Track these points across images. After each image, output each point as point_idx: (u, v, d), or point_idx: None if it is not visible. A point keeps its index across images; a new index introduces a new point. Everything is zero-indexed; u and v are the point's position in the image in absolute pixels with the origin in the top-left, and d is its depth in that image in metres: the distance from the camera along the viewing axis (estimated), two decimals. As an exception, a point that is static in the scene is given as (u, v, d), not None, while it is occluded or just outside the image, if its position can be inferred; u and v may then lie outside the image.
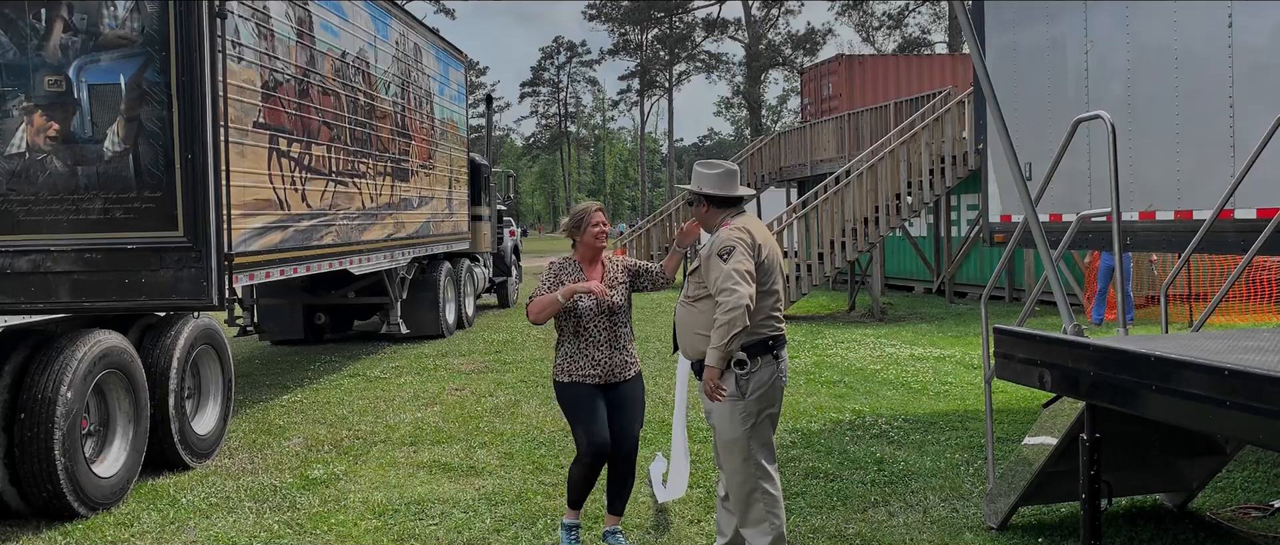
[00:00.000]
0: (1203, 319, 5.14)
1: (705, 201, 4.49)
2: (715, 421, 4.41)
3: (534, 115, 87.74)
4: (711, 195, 4.48)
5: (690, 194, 4.55)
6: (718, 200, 4.49)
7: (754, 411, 4.33)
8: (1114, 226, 4.49)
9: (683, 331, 4.48)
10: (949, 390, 9.28)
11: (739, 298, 4.13)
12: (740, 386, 4.31)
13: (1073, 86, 6.89)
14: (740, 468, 4.37)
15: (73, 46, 6.10)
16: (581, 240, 4.98)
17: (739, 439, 4.33)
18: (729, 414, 4.33)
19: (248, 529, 5.58)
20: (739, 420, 4.33)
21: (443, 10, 64.96)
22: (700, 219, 4.57)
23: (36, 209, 6.12)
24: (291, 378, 10.94)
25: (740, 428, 4.33)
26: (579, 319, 4.85)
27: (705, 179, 4.48)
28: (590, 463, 4.85)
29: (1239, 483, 5.95)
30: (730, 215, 4.48)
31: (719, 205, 4.50)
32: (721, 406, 4.34)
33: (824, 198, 16.17)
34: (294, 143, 8.41)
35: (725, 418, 4.34)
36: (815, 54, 63.42)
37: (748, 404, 4.32)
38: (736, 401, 4.32)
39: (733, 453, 4.37)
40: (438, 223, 13.59)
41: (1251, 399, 2.98)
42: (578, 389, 4.88)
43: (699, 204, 4.51)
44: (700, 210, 4.53)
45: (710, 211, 4.51)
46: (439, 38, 14.19)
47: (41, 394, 5.52)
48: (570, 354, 4.91)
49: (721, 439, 4.40)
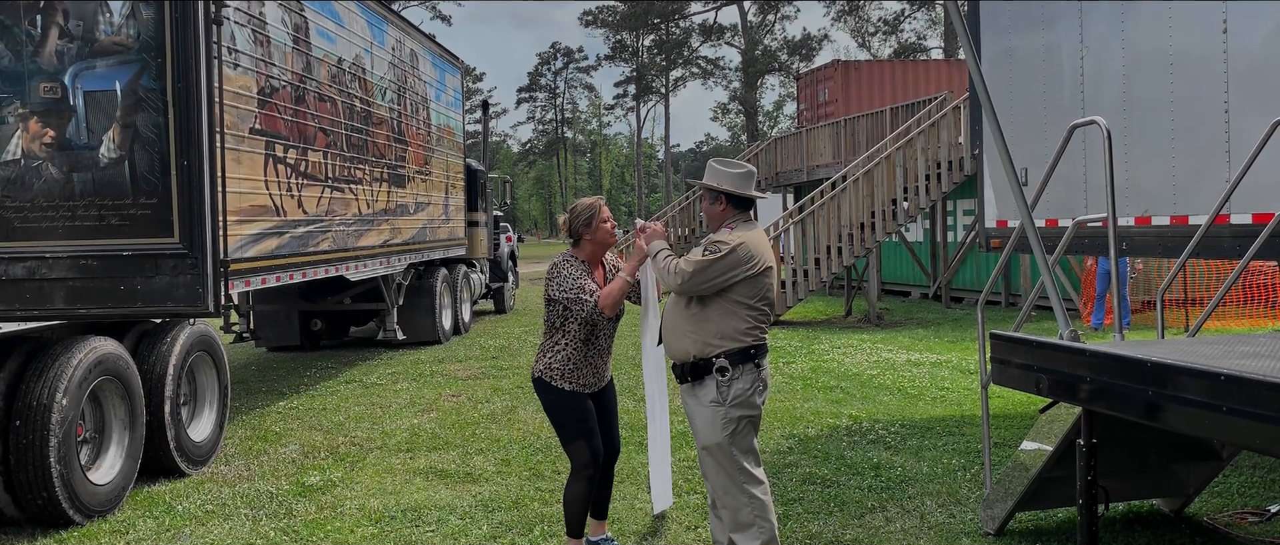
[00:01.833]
0: (1199, 324, 5.15)
1: (724, 198, 4.53)
2: (697, 427, 4.44)
3: (530, 121, 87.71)
4: (732, 193, 4.51)
5: (711, 190, 4.54)
6: (736, 199, 4.53)
7: (735, 418, 4.37)
8: (1110, 231, 4.50)
9: (672, 331, 4.50)
10: (946, 396, 9.28)
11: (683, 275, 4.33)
12: (721, 393, 4.34)
13: (1068, 91, 6.90)
14: (723, 473, 4.40)
15: (68, 53, 6.09)
16: (591, 238, 4.80)
17: (722, 444, 4.36)
18: (711, 420, 4.37)
19: (244, 536, 5.57)
20: (720, 426, 4.36)
21: (438, 16, 65.05)
22: (713, 215, 4.58)
23: (32, 216, 6.10)
24: (287, 384, 10.92)
25: (721, 433, 4.36)
26: (594, 325, 4.74)
27: (727, 177, 4.53)
28: (589, 477, 4.77)
29: (1235, 488, 5.96)
30: (739, 219, 4.52)
31: (736, 205, 4.54)
32: (704, 413, 4.38)
33: (820, 203, 16.18)
34: (290, 149, 8.40)
35: (707, 424, 4.39)
36: (811, 59, 63.51)
37: (728, 410, 4.36)
38: (717, 408, 4.35)
39: (715, 458, 4.40)
40: (434, 229, 13.58)
41: (1248, 404, 2.98)
42: (580, 400, 4.78)
43: (717, 200, 4.54)
44: (717, 207, 4.55)
45: (726, 209, 4.54)
46: (435, 43, 14.19)
47: (37, 401, 5.51)
48: (575, 362, 4.75)
49: (703, 444, 4.43)
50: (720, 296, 4.35)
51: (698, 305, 4.38)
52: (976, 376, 9.87)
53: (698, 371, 4.38)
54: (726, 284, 4.33)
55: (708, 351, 4.35)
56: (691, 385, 4.43)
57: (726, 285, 4.33)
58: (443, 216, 14.14)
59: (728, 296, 4.35)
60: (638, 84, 75.26)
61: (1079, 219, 5.35)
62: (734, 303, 4.35)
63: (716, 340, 4.34)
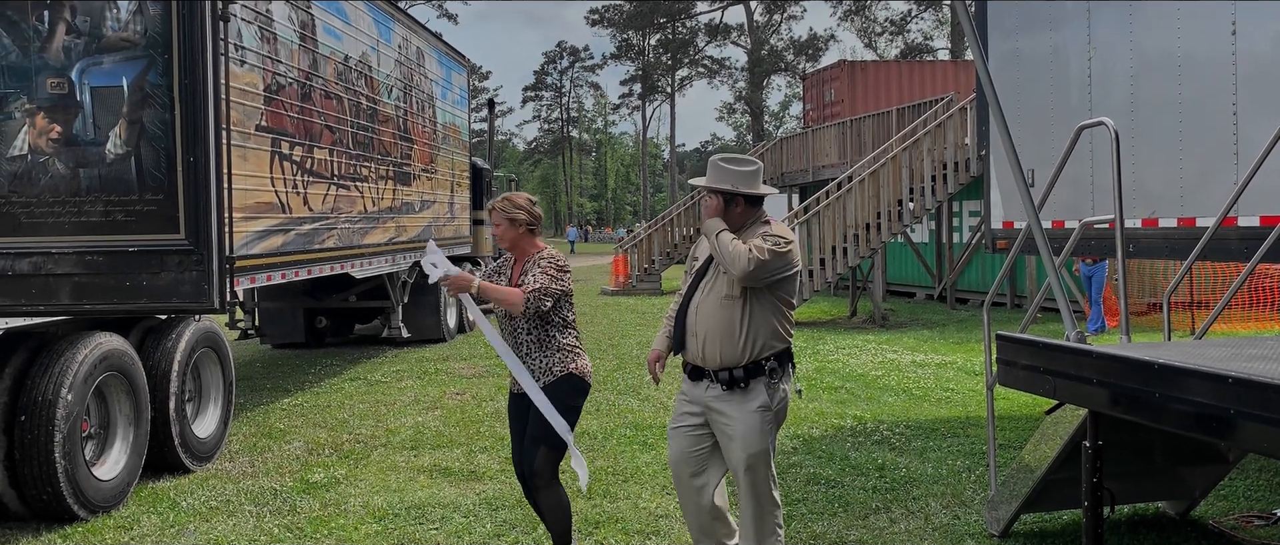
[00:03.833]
0: (1206, 326, 5.13)
1: (741, 200, 4.22)
2: (739, 436, 4.12)
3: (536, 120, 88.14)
4: (748, 194, 4.22)
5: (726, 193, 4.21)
6: (751, 199, 4.25)
7: (776, 423, 4.21)
8: (1117, 233, 4.48)
9: (718, 336, 4.13)
10: (951, 397, 9.26)
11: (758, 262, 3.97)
12: (770, 395, 4.14)
13: (1075, 93, 6.89)
14: (764, 482, 4.17)
15: (75, 49, 6.10)
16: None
17: (767, 451, 4.15)
18: (758, 427, 4.13)
19: (248, 532, 5.57)
20: (767, 433, 4.16)
21: (445, 14, 65.15)
22: (732, 219, 4.23)
23: (38, 211, 6.11)
24: (292, 381, 10.93)
25: (767, 440, 4.16)
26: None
27: (739, 177, 4.21)
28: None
29: (1242, 491, 5.94)
30: (761, 215, 4.27)
31: (751, 204, 4.26)
32: (752, 419, 4.11)
33: (826, 203, 16.17)
34: (296, 146, 8.41)
35: (754, 431, 4.13)
36: (818, 60, 63.59)
37: (775, 415, 4.18)
38: (765, 413, 4.14)
39: (758, 467, 4.15)
40: (439, 226, 13.58)
41: (1255, 407, 2.96)
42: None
43: (733, 204, 4.22)
44: (735, 209, 4.22)
45: (745, 210, 4.24)
46: (442, 42, 14.20)
47: (42, 396, 5.52)
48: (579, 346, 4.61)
49: (749, 452, 4.12)
50: (770, 294, 4.11)
51: (749, 305, 4.10)
52: (981, 378, 9.85)
53: (750, 375, 4.12)
54: (777, 278, 4.09)
55: (762, 354, 4.12)
56: (737, 392, 4.14)
57: (776, 280, 4.09)
58: (448, 215, 14.15)
59: (776, 293, 4.13)
60: (643, 83, 75.32)
61: (1086, 221, 5.34)
62: (780, 300, 4.15)
63: (771, 340, 4.13)
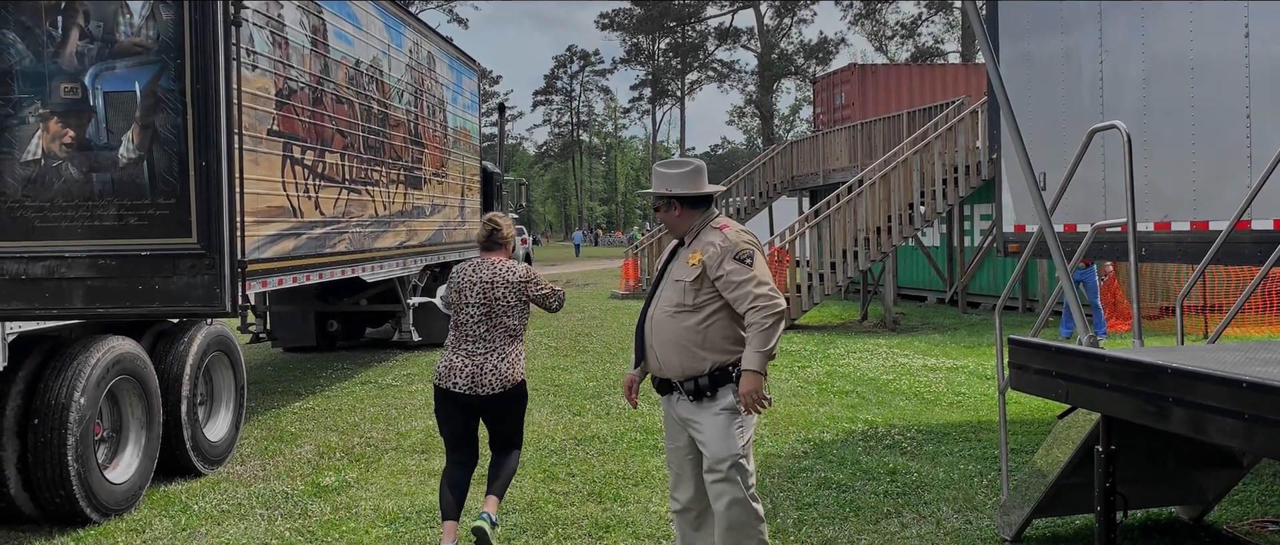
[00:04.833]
0: (1219, 330, 5.10)
1: (678, 204, 4.30)
2: (711, 440, 4.15)
3: (546, 124, 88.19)
4: (683, 196, 4.28)
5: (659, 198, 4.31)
6: (690, 200, 4.30)
7: (749, 424, 4.20)
8: (1130, 237, 4.46)
9: (675, 349, 4.19)
10: (962, 401, 9.23)
11: (780, 302, 4.07)
12: (737, 396, 4.13)
13: (1087, 96, 6.86)
14: (741, 487, 4.14)
15: (89, 53, 6.13)
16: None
17: (739, 454, 4.15)
18: (726, 429, 4.14)
19: (259, 536, 5.58)
20: (738, 435, 4.16)
21: (455, 18, 65.27)
22: (671, 223, 4.35)
23: (51, 215, 6.14)
24: (303, 385, 10.95)
25: (739, 443, 4.15)
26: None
27: (673, 180, 4.29)
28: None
29: (1256, 496, 5.90)
30: (710, 217, 4.31)
31: (691, 206, 4.31)
32: (719, 422, 4.15)
33: (836, 207, 16.15)
34: (308, 150, 8.43)
35: (723, 433, 4.14)
36: (828, 63, 63.49)
37: (744, 418, 4.17)
38: (732, 415, 4.16)
39: (734, 472, 4.14)
40: (450, 230, 13.60)
41: (1270, 412, 2.95)
42: None
43: (671, 208, 4.31)
44: (672, 214, 4.31)
45: (683, 214, 4.31)
46: (452, 46, 14.23)
47: (55, 400, 5.55)
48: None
49: (720, 457, 4.13)
50: (723, 302, 4.17)
51: (706, 316, 4.16)
52: (993, 382, 9.82)
53: (717, 383, 4.16)
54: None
55: (726, 359, 4.17)
56: (705, 401, 4.18)
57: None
58: (459, 219, 14.17)
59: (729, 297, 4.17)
60: (654, 87, 75.39)
61: (1098, 224, 5.31)
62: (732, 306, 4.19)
63: (732, 346, 4.17)
